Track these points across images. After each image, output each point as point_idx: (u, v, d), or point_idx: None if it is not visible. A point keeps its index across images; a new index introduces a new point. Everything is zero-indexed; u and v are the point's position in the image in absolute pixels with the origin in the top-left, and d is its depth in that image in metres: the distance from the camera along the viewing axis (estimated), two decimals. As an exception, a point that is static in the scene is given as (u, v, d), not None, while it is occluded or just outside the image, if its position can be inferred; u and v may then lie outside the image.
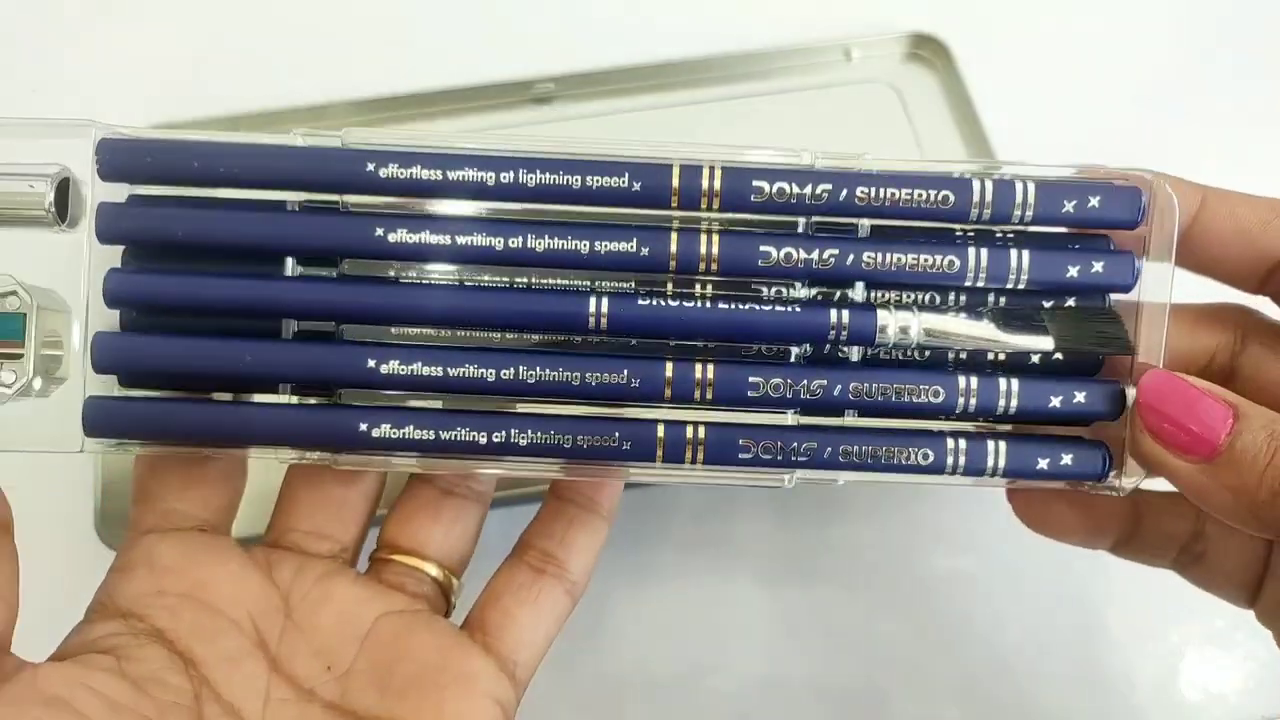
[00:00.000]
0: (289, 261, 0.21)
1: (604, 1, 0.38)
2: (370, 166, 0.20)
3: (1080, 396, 0.20)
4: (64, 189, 0.20)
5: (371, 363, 0.20)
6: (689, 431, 0.20)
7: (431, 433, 0.20)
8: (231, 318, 0.20)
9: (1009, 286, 0.20)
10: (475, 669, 0.21)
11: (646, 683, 0.29)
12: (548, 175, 0.20)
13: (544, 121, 0.35)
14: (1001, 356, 0.21)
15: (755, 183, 0.20)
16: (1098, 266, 0.20)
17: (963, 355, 0.21)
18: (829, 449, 0.20)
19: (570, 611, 0.23)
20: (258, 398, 0.21)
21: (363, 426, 0.20)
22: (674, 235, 0.20)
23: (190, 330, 0.20)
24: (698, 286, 0.21)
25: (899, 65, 0.36)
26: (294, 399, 0.21)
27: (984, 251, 0.20)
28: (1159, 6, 0.39)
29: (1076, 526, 0.23)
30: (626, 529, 0.30)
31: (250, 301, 0.20)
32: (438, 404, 0.21)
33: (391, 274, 0.21)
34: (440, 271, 0.21)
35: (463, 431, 0.20)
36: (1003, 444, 0.20)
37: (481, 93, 0.34)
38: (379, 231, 0.20)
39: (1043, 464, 0.20)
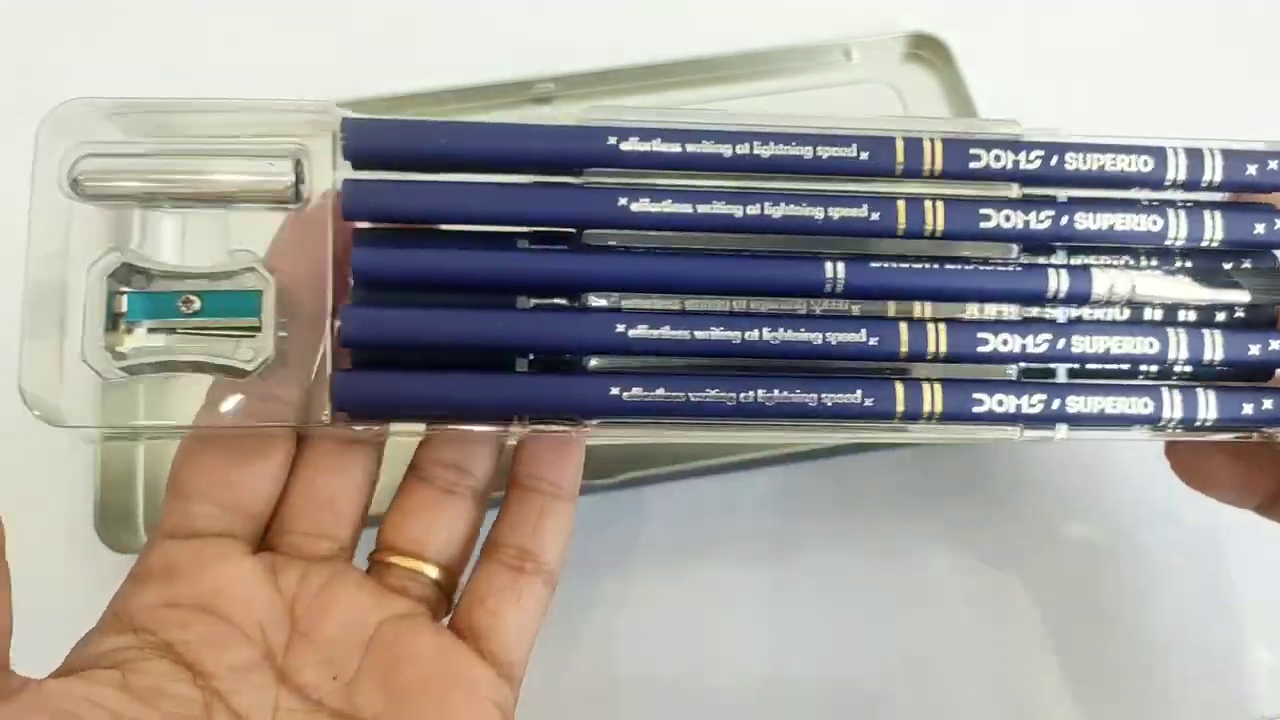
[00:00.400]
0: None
1: (604, 1, 0.39)
2: (612, 141, 0.21)
3: (1275, 344, 0.22)
4: (300, 169, 0.21)
5: (620, 327, 0.20)
6: (925, 389, 0.21)
7: (683, 395, 0.20)
8: (471, 293, 0.21)
9: (1202, 246, 0.22)
10: (476, 673, 0.21)
11: (646, 683, 0.29)
12: (781, 147, 0.21)
13: (544, 121, 0.35)
14: (1192, 315, 0.22)
15: (973, 151, 0.21)
16: (1284, 223, 0.22)
17: (1156, 314, 0.22)
18: (1056, 401, 0.21)
19: (551, 600, 0.23)
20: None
21: (614, 390, 0.20)
22: (901, 202, 0.21)
23: (427, 305, 0.21)
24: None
25: (899, 65, 0.36)
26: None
27: (1183, 213, 0.22)
28: (1161, 6, 0.39)
29: (1232, 480, 0.25)
30: (627, 529, 0.30)
31: (496, 274, 0.21)
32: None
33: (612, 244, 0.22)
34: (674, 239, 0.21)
35: (712, 393, 0.20)
36: (1211, 393, 0.22)
37: (481, 93, 0.34)
38: (623, 201, 0.21)
39: (1248, 409, 0.22)
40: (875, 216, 0.21)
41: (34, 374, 0.20)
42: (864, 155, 0.21)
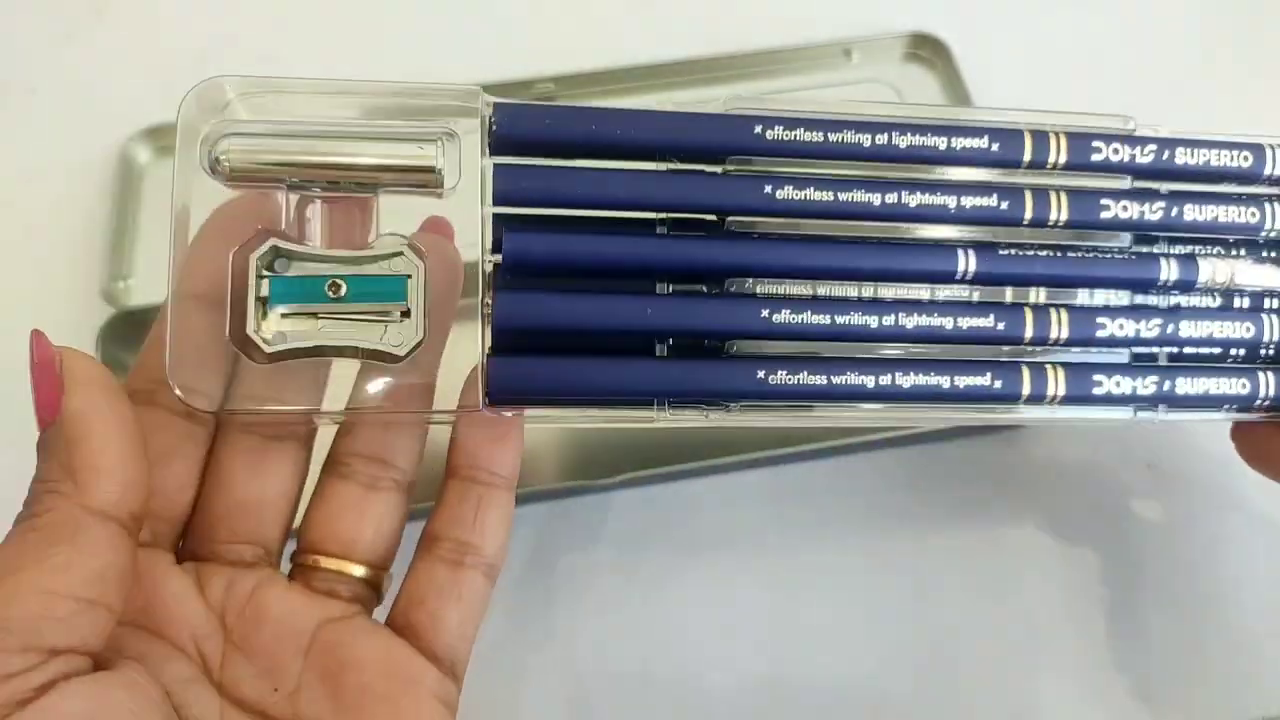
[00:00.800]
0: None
1: (604, 1, 0.39)
2: (758, 129, 0.21)
3: (1360, 328, 0.23)
4: (447, 152, 0.20)
5: (765, 313, 0.21)
6: (1049, 372, 0.22)
7: (824, 378, 0.21)
8: (614, 278, 0.21)
9: (1296, 237, 0.23)
10: (420, 672, 0.21)
11: (647, 682, 0.29)
12: (918, 137, 0.22)
13: None
14: (1277, 302, 0.24)
15: (1095, 144, 0.22)
16: (1368, 216, 0.23)
17: (1245, 301, 0.24)
18: (1167, 383, 0.22)
19: (492, 591, 0.23)
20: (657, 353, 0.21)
21: (760, 374, 0.21)
22: (1028, 192, 0.22)
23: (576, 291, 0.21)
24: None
25: (899, 65, 0.37)
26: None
27: (1277, 205, 0.23)
28: (1161, 6, 0.40)
29: None
30: (628, 529, 0.30)
31: (644, 259, 0.21)
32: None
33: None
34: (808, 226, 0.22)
35: (852, 376, 0.21)
36: (1304, 372, 0.23)
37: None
38: (768, 189, 0.21)
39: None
40: (1004, 206, 0.22)
41: (182, 361, 0.19)
42: (995, 146, 0.22)
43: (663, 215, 0.21)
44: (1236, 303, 0.24)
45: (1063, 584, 0.31)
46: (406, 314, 0.20)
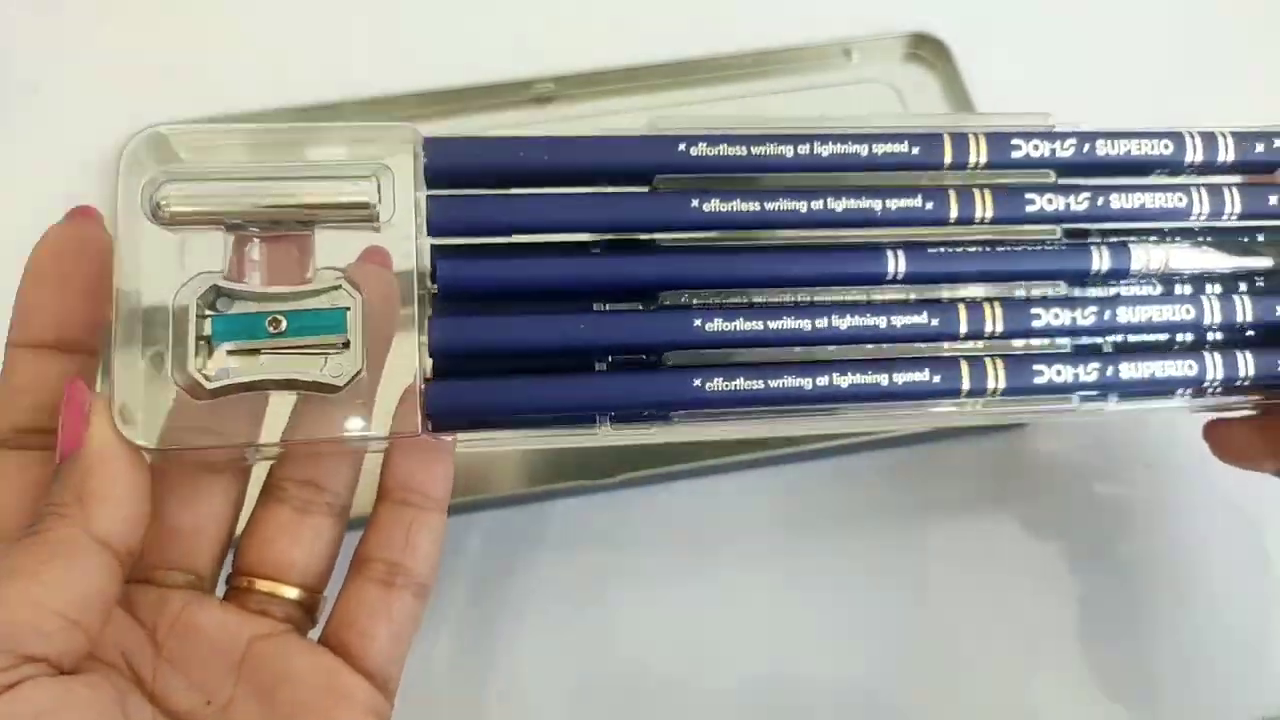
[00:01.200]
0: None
1: (604, 2, 0.39)
2: (683, 147, 0.22)
3: (1302, 305, 0.23)
4: (381, 188, 0.21)
5: (698, 322, 0.21)
6: (988, 364, 0.22)
7: (760, 382, 0.21)
8: (549, 300, 0.22)
9: (1225, 216, 0.24)
10: (352, 687, 0.21)
11: (647, 682, 0.29)
12: (840, 146, 0.22)
13: (544, 121, 0.35)
14: (1218, 288, 0.24)
15: (1014, 141, 0.23)
16: (1296, 194, 0.24)
17: (1187, 289, 0.24)
18: (1110, 368, 0.22)
19: (423, 610, 0.23)
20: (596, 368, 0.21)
21: (696, 382, 0.21)
22: (952, 191, 0.22)
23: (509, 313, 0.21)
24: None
25: (899, 65, 0.37)
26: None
27: (1204, 190, 0.23)
28: (1160, 7, 0.40)
29: (1259, 450, 0.26)
30: (628, 529, 0.31)
31: (574, 280, 0.21)
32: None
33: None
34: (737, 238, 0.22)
35: (789, 379, 0.21)
36: (1248, 352, 0.23)
37: (482, 93, 0.35)
38: (694, 203, 0.22)
39: (1288, 366, 0.23)
40: (929, 206, 0.22)
41: (127, 397, 0.20)
42: (915, 150, 0.22)
43: (595, 237, 0.22)
44: (1178, 289, 0.24)
45: (1063, 584, 0.31)
46: (346, 345, 0.21)
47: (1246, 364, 0.23)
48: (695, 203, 0.22)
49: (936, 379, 0.22)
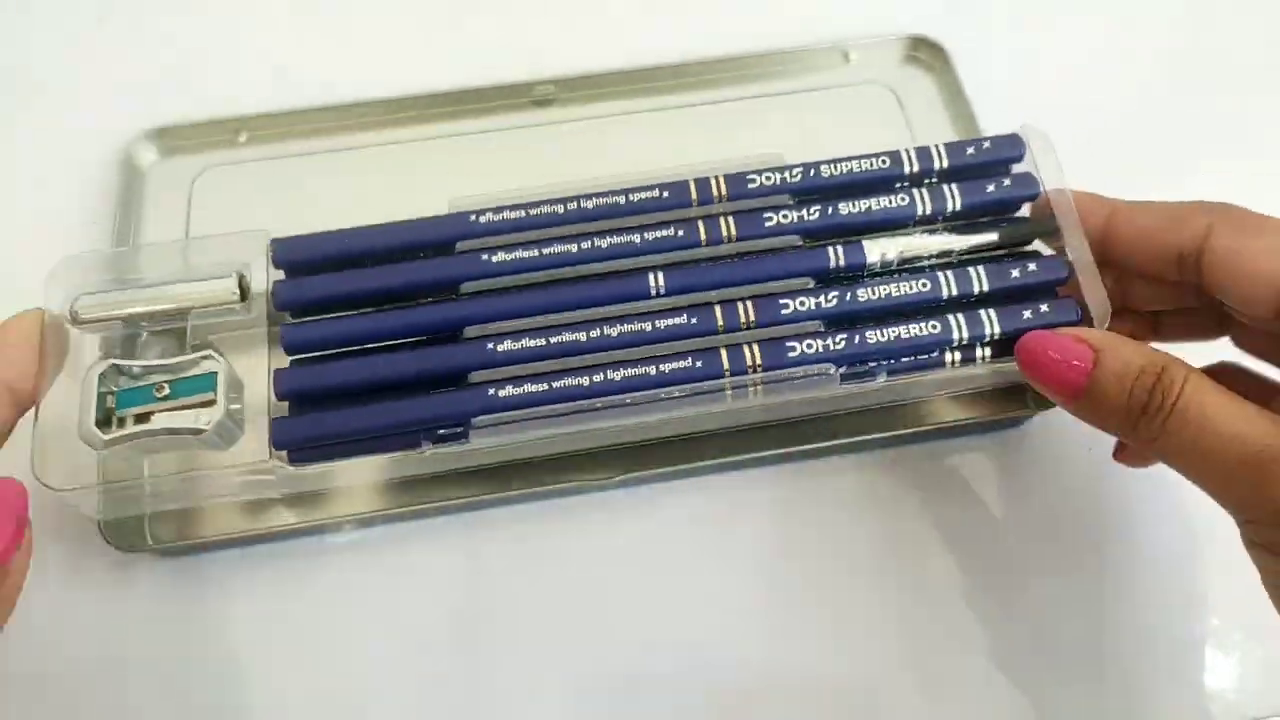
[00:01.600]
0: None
1: (604, 4, 0.39)
2: (473, 217, 0.27)
3: (1032, 266, 0.26)
4: (244, 282, 0.27)
5: (491, 345, 0.26)
6: (745, 348, 0.26)
7: (545, 384, 0.25)
8: (378, 341, 0.26)
9: (949, 210, 0.27)
10: None
11: (647, 682, 0.29)
12: (602, 199, 0.27)
13: (544, 124, 0.36)
14: (954, 263, 0.27)
15: (749, 176, 0.28)
16: (1008, 181, 0.27)
17: (924, 268, 0.27)
18: (857, 337, 0.26)
19: None
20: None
21: (492, 391, 0.25)
22: (700, 221, 0.27)
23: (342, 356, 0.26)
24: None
25: (897, 68, 0.37)
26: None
27: (924, 190, 0.27)
28: (1157, 10, 0.40)
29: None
30: (628, 529, 0.31)
31: (390, 329, 0.26)
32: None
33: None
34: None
35: (569, 380, 0.25)
36: (991, 311, 0.26)
37: (482, 95, 0.35)
38: (485, 257, 0.27)
39: (1028, 315, 0.26)
40: (681, 234, 0.27)
41: (42, 450, 0.25)
42: (665, 195, 0.27)
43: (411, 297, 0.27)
44: (918, 272, 0.27)
45: (1063, 583, 0.30)
46: (213, 402, 0.26)
47: (991, 321, 0.26)
48: (486, 256, 0.27)
49: (699, 364, 0.25)
